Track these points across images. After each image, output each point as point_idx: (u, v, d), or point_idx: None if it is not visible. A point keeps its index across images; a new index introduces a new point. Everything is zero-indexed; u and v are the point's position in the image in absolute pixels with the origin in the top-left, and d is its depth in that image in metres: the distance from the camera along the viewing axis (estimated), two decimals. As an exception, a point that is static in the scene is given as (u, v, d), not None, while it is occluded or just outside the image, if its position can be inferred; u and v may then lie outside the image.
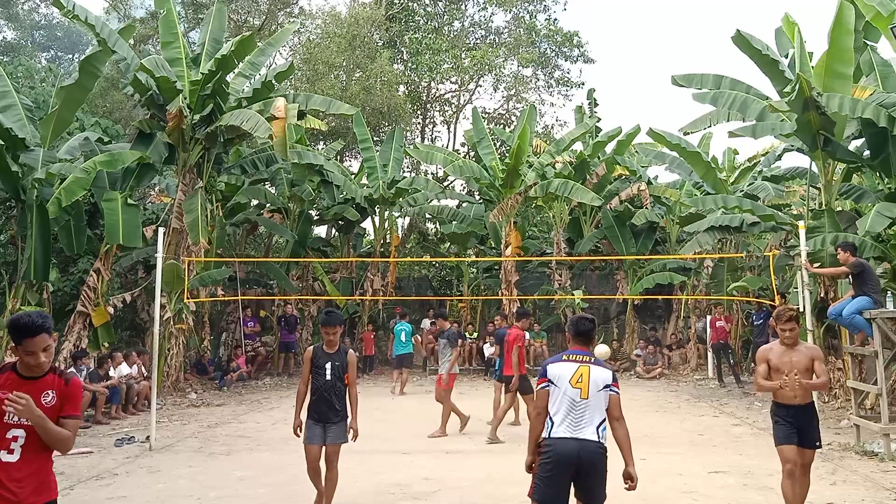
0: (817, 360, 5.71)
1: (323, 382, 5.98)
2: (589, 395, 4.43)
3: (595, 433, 4.39)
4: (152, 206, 17.58)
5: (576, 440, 4.35)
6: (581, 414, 4.41)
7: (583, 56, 28.44)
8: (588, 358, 4.57)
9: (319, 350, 6.11)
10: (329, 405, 5.99)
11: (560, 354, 4.72)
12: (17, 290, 12.58)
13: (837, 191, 12.94)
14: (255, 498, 7.00)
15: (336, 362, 6.02)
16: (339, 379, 6.03)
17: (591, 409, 4.43)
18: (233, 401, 14.24)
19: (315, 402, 6.02)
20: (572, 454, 4.34)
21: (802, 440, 5.73)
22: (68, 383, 3.51)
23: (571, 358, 4.57)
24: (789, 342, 5.71)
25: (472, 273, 22.06)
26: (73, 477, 7.88)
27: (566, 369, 4.51)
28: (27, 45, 30.61)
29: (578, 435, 4.37)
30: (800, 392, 5.64)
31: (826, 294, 12.02)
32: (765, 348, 5.94)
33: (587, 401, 4.42)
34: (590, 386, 4.44)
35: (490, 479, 7.58)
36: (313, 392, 6.02)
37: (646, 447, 9.27)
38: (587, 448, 4.35)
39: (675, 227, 19.40)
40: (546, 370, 4.59)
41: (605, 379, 4.49)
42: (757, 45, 12.30)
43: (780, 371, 5.65)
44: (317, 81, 22.07)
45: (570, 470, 4.36)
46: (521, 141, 17.83)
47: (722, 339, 16.16)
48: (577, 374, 4.48)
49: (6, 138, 12.11)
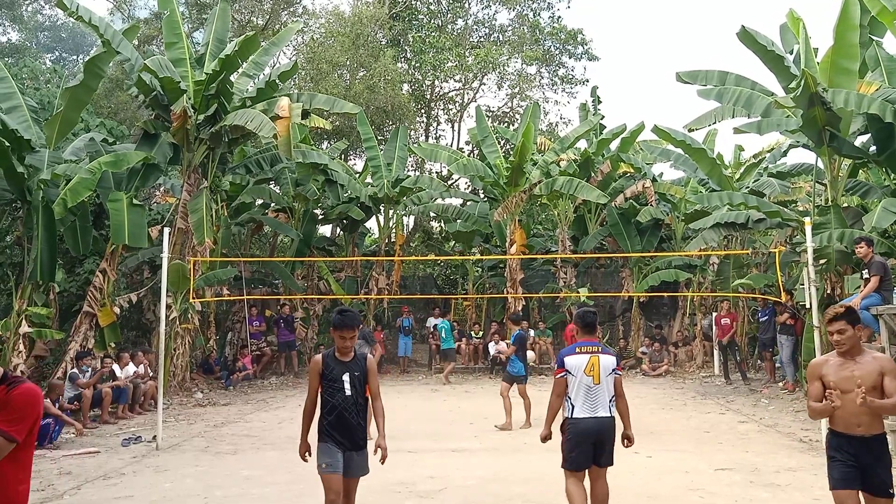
0: (888, 375, 4.27)
1: (342, 399, 4.91)
2: (600, 380, 5.39)
3: (607, 410, 5.39)
4: (157, 207, 17.62)
5: (594, 419, 5.36)
6: (595, 397, 5.39)
7: (587, 53, 28.40)
8: (597, 348, 5.48)
9: (331, 359, 5.00)
10: (351, 427, 4.94)
11: (573, 346, 5.58)
12: (24, 291, 12.62)
13: (843, 187, 12.89)
14: (261, 497, 7.01)
15: (355, 372, 4.97)
16: (360, 393, 5.00)
17: (602, 392, 5.40)
18: (239, 400, 14.27)
19: (333, 423, 4.91)
20: (592, 430, 5.36)
21: (867, 484, 4.34)
22: (10, 391, 2.99)
23: (584, 350, 5.46)
24: (845, 349, 4.39)
25: (476, 271, 22.05)
26: (81, 477, 7.91)
27: (580, 360, 5.42)
28: (32, 46, 30.66)
29: (595, 414, 5.36)
30: (864, 418, 4.26)
31: (833, 290, 11.98)
32: (817, 362, 4.64)
33: (599, 385, 5.39)
34: (600, 373, 5.39)
35: (496, 478, 7.58)
36: (329, 411, 4.92)
37: (652, 445, 9.26)
38: (603, 423, 5.37)
39: (680, 224, 19.35)
40: (563, 361, 5.49)
41: (611, 364, 5.46)
42: (762, 41, 12.26)
43: (841, 390, 4.26)
44: (320, 80, 22.09)
45: (591, 440, 5.37)
46: (525, 139, 17.80)
47: (728, 336, 16.13)
48: (590, 364, 5.40)
49: (12, 140, 12.14)
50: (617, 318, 21.01)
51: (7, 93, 13.35)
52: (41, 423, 9.42)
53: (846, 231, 11.26)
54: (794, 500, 6.58)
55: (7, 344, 12.22)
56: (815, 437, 9.33)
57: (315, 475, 4.94)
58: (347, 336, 4.93)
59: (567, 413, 5.45)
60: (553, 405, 5.54)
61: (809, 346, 12.05)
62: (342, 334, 4.94)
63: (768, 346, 15.28)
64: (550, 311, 21.03)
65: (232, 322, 18.67)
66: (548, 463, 8.20)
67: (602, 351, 5.47)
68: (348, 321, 4.96)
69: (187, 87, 14.25)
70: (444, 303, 21.07)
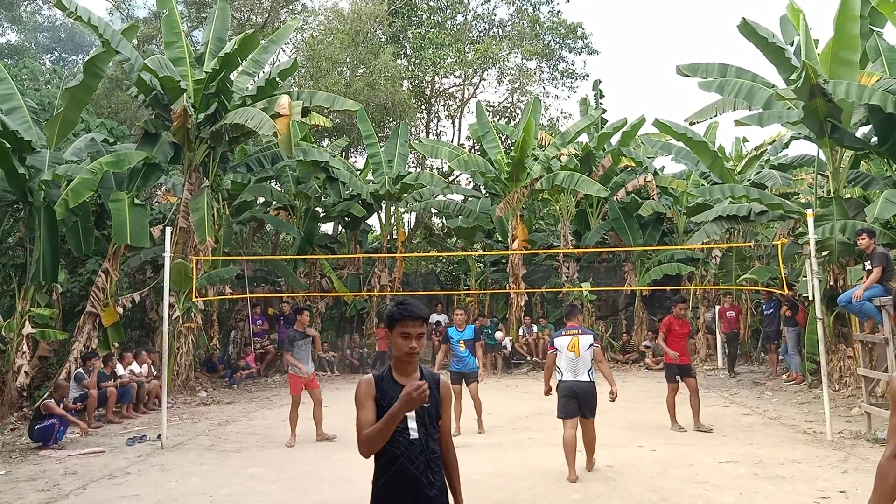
0: None
1: (406, 446, 3.09)
2: (580, 354, 7.37)
3: (586, 376, 7.35)
4: (159, 206, 17.62)
5: (574, 381, 7.33)
6: (576, 366, 7.36)
7: (587, 48, 28.38)
8: (576, 331, 7.54)
9: (388, 382, 3.18)
10: (419, 489, 3.07)
11: (561, 331, 7.69)
12: (27, 292, 12.63)
13: (845, 178, 12.85)
14: (266, 494, 7.02)
15: (424, 404, 3.03)
16: (431, 435, 3.17)
17: (581, 363, 7.37)
18: (243, 398, 14.29)
19: (393, 483, 3.09)
20: (573, 389, 7.29)
21: None
22: None
23: (566, 333, 7.57)
24: None
25: (479, 267, 22.05)
26: (86, 476, 7.94)
27: (565, 340, 7.49)
28: (31, 47, 30.63)
29: (576, 378, 7.33)
30: None
31: (835, 282, 11.96)
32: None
33: (579, 358, 7.37)
34: (580, 348, 7.38)
35: (500, 473, 7.59)
36: (386, 464, 3.09)
37: (656, 438, 9.27)
38: (581, 385, 7.32)
39: (682, 217, 19.33)
40: (554, 341, 7.60)
41: (588, 342, 7.45)
42: (762, 33, 12.20)
43: None
44: (320, 78, 22.06)
45: (574, 396, 7.28)
46: (526, 134, 17.78)
47: (734, 329, 16.26)
48: (571, 343, 7.44)
49: (12, 141, 12.13)
50: (620, 313, 20.98)
51: (7, 94, 13.35)
52: (46, 423, 9.50)
53: (848, 222, 11.24)
54: (798, 492, 6.58)
55: (11, 345, 12.24)
56: (819, 430, 9.34)
57: (319, 472, 4.90)
58: (414, 332, 3.15)
59: (558, 377, 7.44)
60: (547, 372, 7.75)
61: (812, 339, 12.06)
62: (406, 329, 3.15)
63: (773, 339, 15.30)
64: (553, 306, 21.02)
65: (235, 320, 18.68)
66: (551, 458, 8.22)
67: (581, 332, 7.52)
68: (415, 309, 3.19)
69: (187, 86, 14.24)
70: (446, 299, 21.06)
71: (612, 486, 7.03)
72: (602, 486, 7.00)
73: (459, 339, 9.92)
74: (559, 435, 7.36)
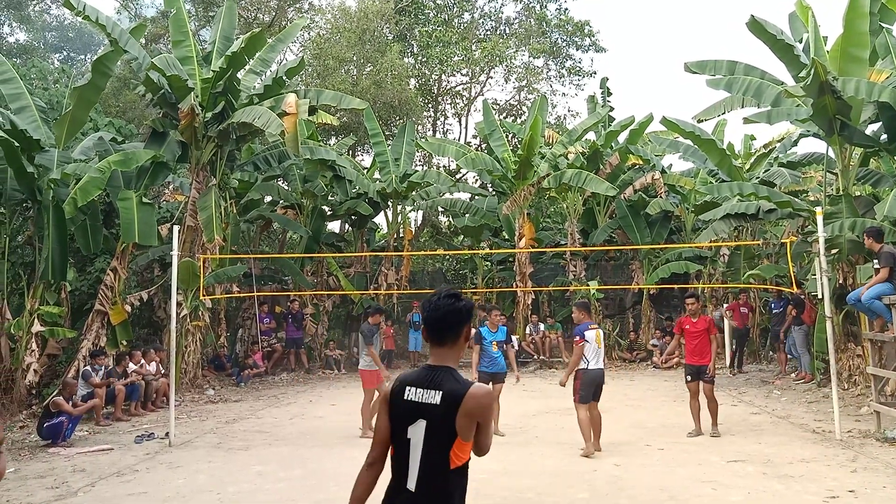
0: None
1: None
2: (601, 344, 8.61)
3: (602, 364, 8.62)
4: (167, 205, 17.66)
5: (600, 369, 8.53)
6: (599, 355, 8.55)
7: (594, 45, 28.28)
8: (596, 325, 8.75)
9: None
10: None
11: (587, 324, 8.61)
12: (36, 291, 12.69)
13: (855, 176, 12.78)
14: (273, 492, 7.03)
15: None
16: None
17: (601, 352, 8.60)
18: (250, 396, 14.33)
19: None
20: (599, 376, 8.54)
21: None
22: None
23: (592, 327, 8.60)
24: None
25: (486, 266, 22.02)
26: (95, 473, 7.97)
27: (592, 333, 8.50)
28: (40, 46, 30.79)
29: (599, 366, 8.52)
30: None
31: (845, 280, 11.90)
32: None
33: (601, 349, 8.57)
34: (601, 339, 8.61)
35: (506, 472, 7.59)
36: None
37: (664, 437, 9.25)
38: (602, 372, 8.60)
39: (690, 215, 19.26)
40: (584, 334, 8.47)
41: (604, 334, 8.85)
42: (771, 30, 12.14)
43: None
44: (327, 77, 22.07)
45: (596, 383, 8.49)
46: (533, 132, 17.74)
47: (746, 325, 16.30)
48: (597, 335, 8.55)
49: (21, 140, 12.19)
50: (627, 311, 20.94)
51: (16, 93, 13.40)
52: (55, 420, 9.55)
53: (858, 220, 11.17)
54: (807, 492, 6.55)
55: (20, 343, 12.30)
56: (828, 429, 9.29)
57: (325, 469, 4.93)
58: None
59: (584, 366, 8.44)
60: (575, 361, 8.51)
61: (822, 337, 11.98)
62: None
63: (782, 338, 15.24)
64: (560, 304, 20.98)
65: (242, 319, 18.74)
66: (557, 457, 8.22)
67: (598, 327, 8.78)
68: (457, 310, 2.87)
69: (195, 84, 14.26)
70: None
71: (620, 484, 7.02)
72: (609, 485, 6.99)
73: (492, 339, 9.88)
74: (566, 434, 7.40)
